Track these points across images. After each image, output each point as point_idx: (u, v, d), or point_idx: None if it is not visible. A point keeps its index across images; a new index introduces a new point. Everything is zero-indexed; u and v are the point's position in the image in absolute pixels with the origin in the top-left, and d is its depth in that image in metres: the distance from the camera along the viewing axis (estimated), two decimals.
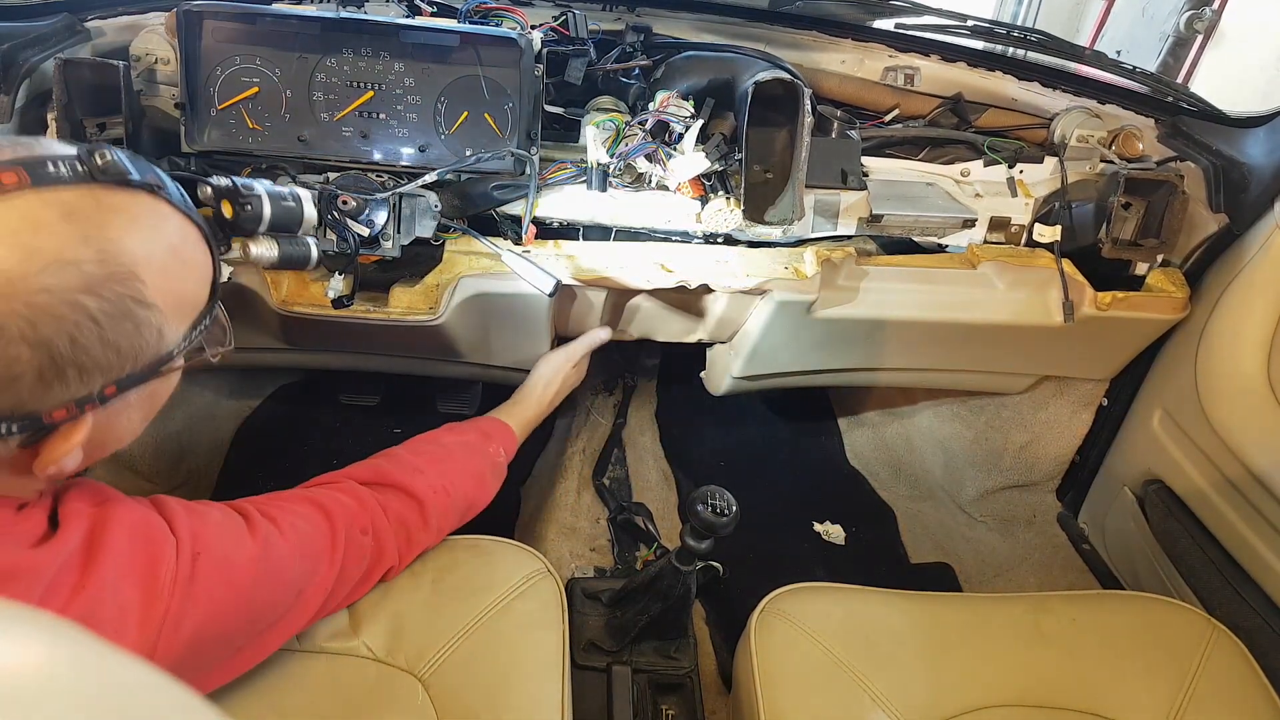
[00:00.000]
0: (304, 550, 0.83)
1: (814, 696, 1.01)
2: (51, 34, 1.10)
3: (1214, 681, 1.07)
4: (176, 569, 0.68)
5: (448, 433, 1.11)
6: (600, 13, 1.30)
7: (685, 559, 1.23)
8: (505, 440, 1.16)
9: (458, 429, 1.12)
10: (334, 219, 0.99)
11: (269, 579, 0.77)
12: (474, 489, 1.07)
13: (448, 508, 1.03)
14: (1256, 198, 1.20)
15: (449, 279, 1.13)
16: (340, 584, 0.89)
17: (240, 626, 0.76)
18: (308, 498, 0.89)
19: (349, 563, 0.89)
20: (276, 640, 0.84)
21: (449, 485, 1.02)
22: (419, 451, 1.05)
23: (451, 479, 1.03)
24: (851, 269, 1.24)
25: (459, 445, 1.09)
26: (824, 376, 1.51)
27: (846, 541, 1.79)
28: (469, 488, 1.06)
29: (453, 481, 1.03)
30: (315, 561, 0.85)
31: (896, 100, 1.35)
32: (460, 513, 1.07)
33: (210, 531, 0.74)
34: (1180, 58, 2.56)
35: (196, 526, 0.72)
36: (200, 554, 0.70)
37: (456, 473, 1.05)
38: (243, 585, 0.74)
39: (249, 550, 0.76)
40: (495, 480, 1.12)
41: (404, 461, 1.01)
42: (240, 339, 1.32)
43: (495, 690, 0.95)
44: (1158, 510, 1.42)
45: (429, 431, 1.11)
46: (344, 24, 1.03)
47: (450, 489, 1.02)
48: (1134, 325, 1.32)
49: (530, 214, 1.13)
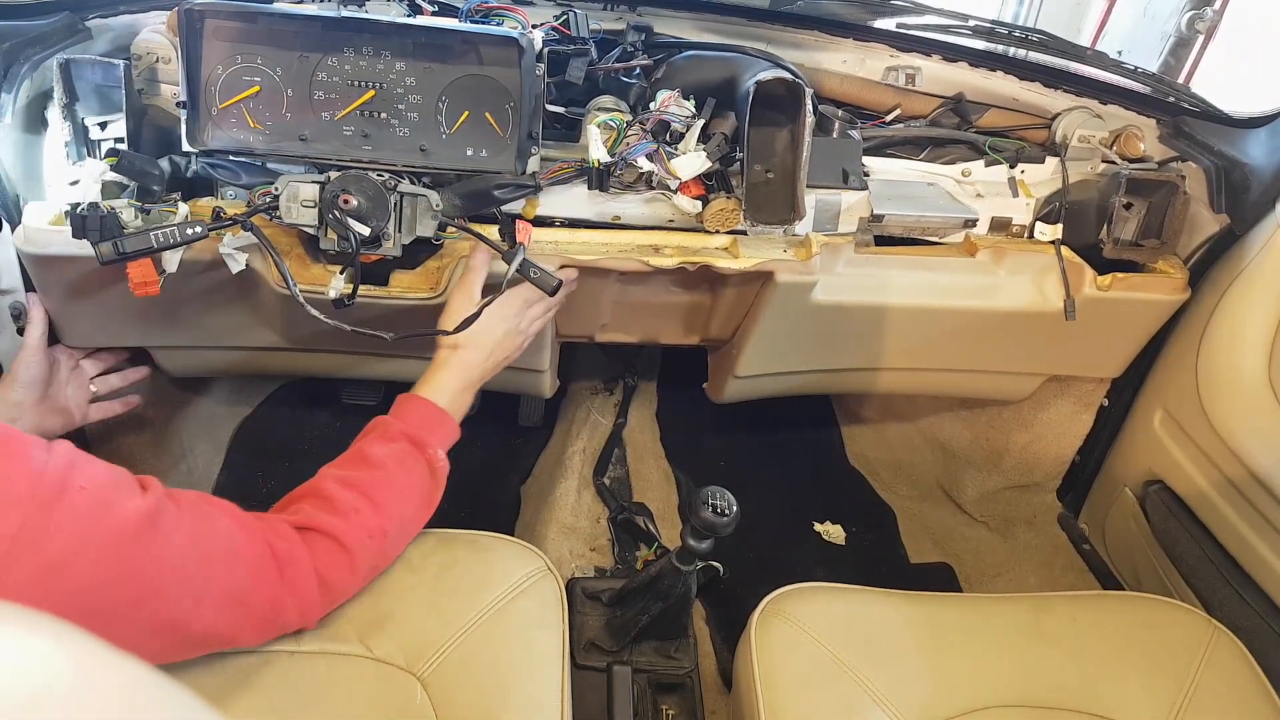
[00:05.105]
0: (204, 549, 0.76)
1: (814, 696, 1.01)
2: (53, 33, 1.10)
3: (1214, 682, 1.07)
4: (43, 479, 0.64)
5: (378, 443, 0.98)
6: (601, 12, 1.30)
7: (685, 559, 1.23)
8: (442, 434, 1.02)
9: (387, 434, 0.99)
10: (335, 218, 0.99)
11: (154, 550, 0.71)
12: (416, 511, 0.99)
13: (382, 550, 0.95)
14: (1258, 198, 1.20)
15: (450, 260, 1.13)
16: (247, 614, 0.81)
17: (116, 589, 0.69)
18: (230, 509, 0.83)
19: (257, 597, 0.82)
20: (169, 644, 0.77)
21: (386, 523, 0.93)
22: (354, 483, 0.93)
23: (389, 514, 0.93)
24: (852, 256, 1.24)
25: (395, 463, 0.96)
26: (826, 378, 1.51)
27: (846, 541, 1.79)
28: (410, 513, 0.98)
29: (390, 517, 0.94)
30: (217, 568, 0.77)
31: (898, 100, 1.35)
32: (400, 544, 0.99)
33: (96, 470, 0.69)
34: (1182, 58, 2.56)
35: (78, 458, 0.68)
36: (75, 480, 0.66)
37: (395, 501, 0.95)
38: (121, 535, 0.68)
39: (135, 504, 0.70)
40: (438, 488, 1.01)
41: (337, 503, 0.90)
42: (240, 337, 1.34)
43: (495, 690, 0.95)
44: (1158, 511, 1.42)
45: (357, 444, 0.99)
46: (345, 23, 1.02)
47: (388, 527, 0.93)
48: (1135, 309, 1.32)
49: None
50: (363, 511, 0.91)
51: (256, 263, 1.09)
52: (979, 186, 1.31)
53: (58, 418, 1.16)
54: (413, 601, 1.00)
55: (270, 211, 1.02)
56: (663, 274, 1.18)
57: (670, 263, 1.16)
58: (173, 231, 0.94)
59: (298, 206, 1.01)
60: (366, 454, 0.97)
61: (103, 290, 1.14)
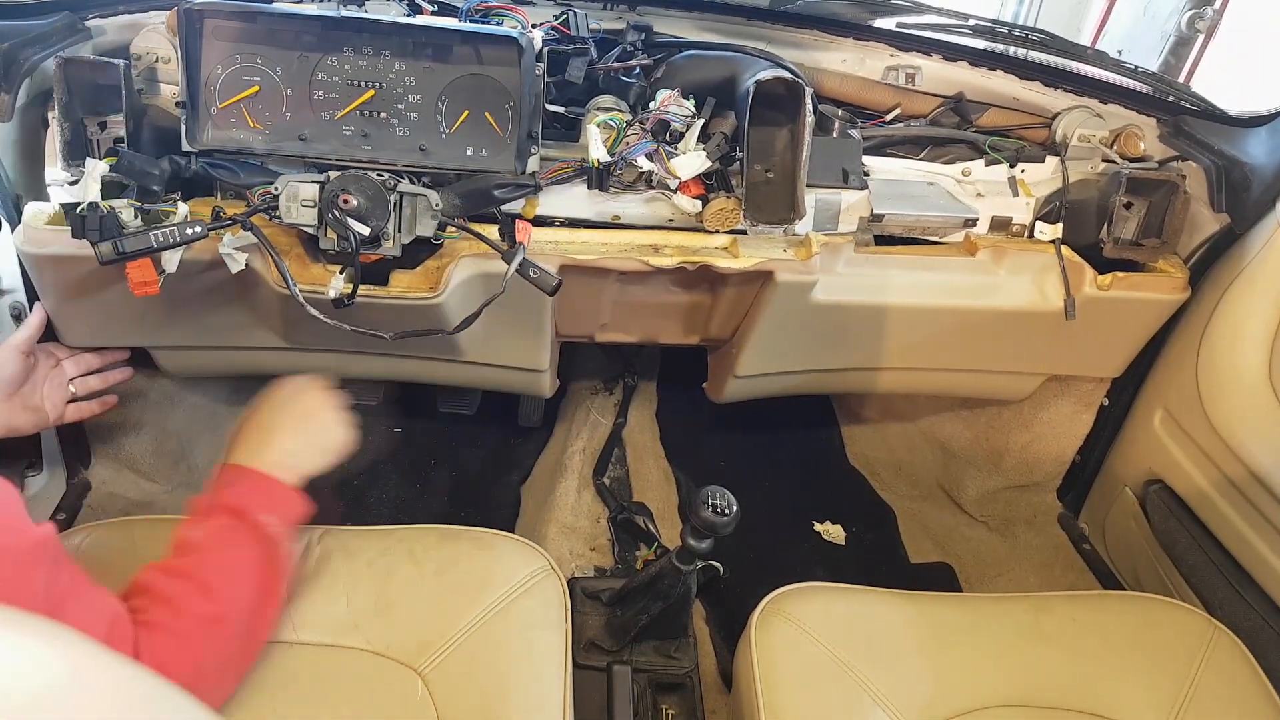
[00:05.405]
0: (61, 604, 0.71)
1: (814, 696, 1.01)
2: (52, 32, 1.10)
3: (1214, 681, 1.07)
4: None
5: (195, 524, 0.91)
6: (601, 12, 1.30)
7: (685, 559, 1.23)
8: (265, 499, 0.94)
9: (203, 511, 0.92)
10: (335, 218, 0.99)
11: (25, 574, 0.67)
12: (258, 591, 0.89)
13: (224, 638, 0.86)
14: (1258, 197, 1.20)
15: (449, 259, 1.13)
16: None
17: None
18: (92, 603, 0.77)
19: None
20: None
21: (221, 608, 0.85)
22: (177, 571, 0.86)
23: (223, 598, 0.85)
24: (851, 255, 1.24)
25: (215, 540, 0.89)
26: (826, 378, 1.51)
27: (846, 541, 1.79)
28: (248, 594, 0.88)
29: (226, 601, 0.86)
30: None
31: (898, 99, 1.35)
32: (252, 631, 0.90)
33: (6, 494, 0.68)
34: (1182, 57, 2.56)
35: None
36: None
37: (226, 585, 0.87)
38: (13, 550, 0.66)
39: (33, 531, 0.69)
40: (278, 559, 0.92)
41: (162, 594, 0.83)
42: (240, 337, 1.34)
43: (496, 689, 0.95)
44: (1158, 510, 1.41)
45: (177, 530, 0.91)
46: (345, 23, 1.03)
47: (225, 612, 0.85)
48: (1135, 308, 1.32)
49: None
50: (192, 597, 0.84)
51: (256, 263, 1.09)
52: (979, 186, 1.31)
53: (30, 415, 1.16)
54: (415, 596, 1.00)
55: (270, 211, 1.02)
56: (662, 274, 1.18)
57: (670, 262, 1.16)
58: (172, 231, 0.94)
59: (297, 206, 1.01)
60: (185, 539, 0.90)
61: (102, 290, 1.14)
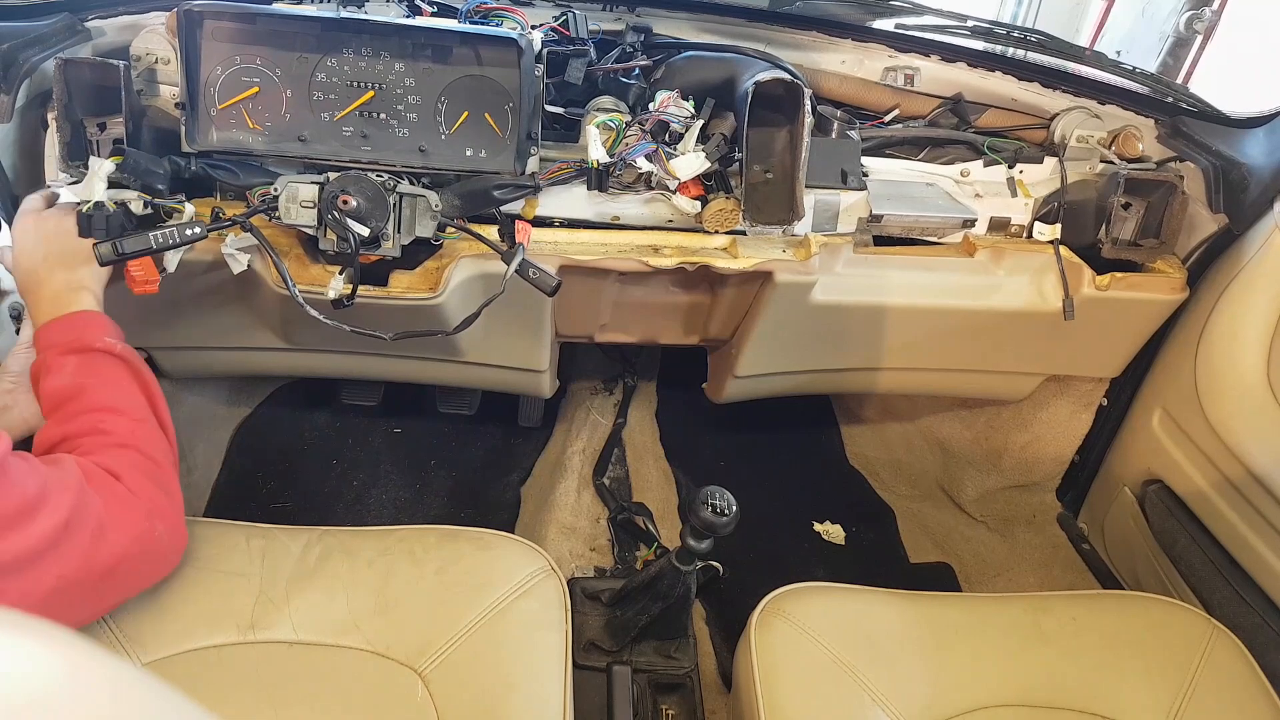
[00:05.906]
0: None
1: (814, 696, 1.01)
2: (52, 34, 1.10)
3: (1214, 681, 1.07)
4: None
5: (54, 375, 0.93)
6: (600, 13, 1.30)
7: (685, 559, 1.23)
8: (88, 328, 0.96)
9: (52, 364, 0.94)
10: (334, 219, 0.99)
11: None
12: (149, 397, 0.95)
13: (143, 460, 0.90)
14: (1256, 198, 1.21)
15: (449, 260, 1.13)
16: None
17: None
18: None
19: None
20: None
21: (137, 415, 0.92)
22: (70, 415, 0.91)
23: (132, 409, 0.92)
24: (850, 256, 1.24)
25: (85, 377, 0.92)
26: (826, 378, 1.51)
27: (846, 541, 1.79)
28: (143, 400, 0.95)
29: (136, 413, 0.92)
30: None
31: (896, 100, 1.35)
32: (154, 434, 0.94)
33: None
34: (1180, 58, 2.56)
35: None
36: None
37: (125, 400, 0.92)
38: None
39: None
40: (140, 368, 0.97)
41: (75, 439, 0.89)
42: (240, 337, 1.34)
43: (496, 690, 0.95)
44: (1157, 510, 1.42)
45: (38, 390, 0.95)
46: (344, 24, 1.03)
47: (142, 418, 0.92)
48: (1134, 308, 1.32)
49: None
50: (105, 416, 0.89)
51: (256, 263, 1.09)
52: (978, 186, 1.31)
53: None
54: (415, 596, 1.00)
55: (269, 212, 1.02)
56: (662, 274, 1.18)
57: (669, 263, 1.16)
58: (172, 232, 0.94)
59: (297, 207, 1.01)
60: (53, 390, 0.92)
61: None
